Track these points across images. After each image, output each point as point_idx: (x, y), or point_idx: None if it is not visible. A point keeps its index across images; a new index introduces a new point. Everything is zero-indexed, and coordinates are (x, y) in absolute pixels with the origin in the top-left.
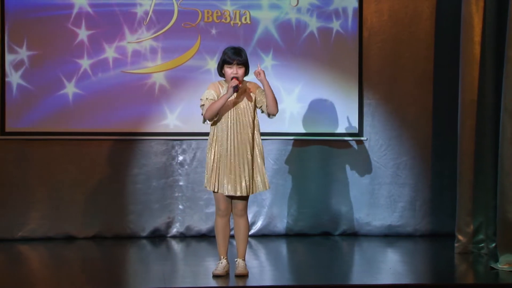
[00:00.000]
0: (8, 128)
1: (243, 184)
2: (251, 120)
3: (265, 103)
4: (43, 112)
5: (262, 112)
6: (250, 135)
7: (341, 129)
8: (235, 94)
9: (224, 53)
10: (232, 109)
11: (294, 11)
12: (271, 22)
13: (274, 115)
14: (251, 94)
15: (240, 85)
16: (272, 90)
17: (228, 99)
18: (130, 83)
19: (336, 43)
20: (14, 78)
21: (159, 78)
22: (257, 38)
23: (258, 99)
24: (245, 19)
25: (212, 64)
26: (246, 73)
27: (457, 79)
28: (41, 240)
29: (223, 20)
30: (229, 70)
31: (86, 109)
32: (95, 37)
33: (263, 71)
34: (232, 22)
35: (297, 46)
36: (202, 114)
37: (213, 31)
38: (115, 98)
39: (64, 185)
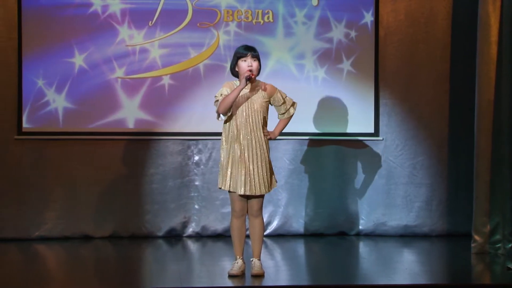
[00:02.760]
0: (25, 128)
1: (258, 183)
2: (263, 119)
3: (281, 111)
4: (59, 111)
5: (272, 105)
6: (262, 133)
7: (357, 129)
8: (248, 85)
9: (236, 51)
10: (246, 107)
11: (312, 10)
12: (290, 22)
13: None
14: (266, 93)
15: (254, 76)
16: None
17: (242, 96)
18: (146, 83)
19: (352, 43)
20: (30, 77)
21: (175, 78)
22: (277, 38)
23: (276, 100)
24: (268, 18)
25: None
26: (259, 70)
27: (474, 79)
28: (57, 239)
29: (244, 19)
30: (244, 64)
31: (102, 108)
32: (110, 36)
33: (270, 134)
34: (254, 21)
35: (314, 45)
36: (216, 111)
37: (233, 30)
38: (130, 98)
39: (80, 185)
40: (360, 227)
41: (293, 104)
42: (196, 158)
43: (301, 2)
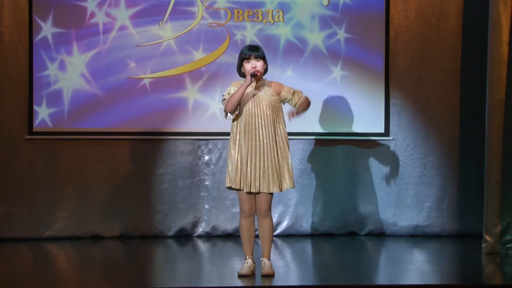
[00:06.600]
0: (35, 128)
1: (266, 182)
2: (273, 116)
3: (294, 103)
4: (70, 111)
5: (284, 103)
6: (273, 132)
7: (367, 129)
8: (254, 83)
9: (241, 52)
10: (253, 106)
11: (323, 10)
12: (300, 21)
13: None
14: (273, 91)
15: (259, 73)
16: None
17: (249, 95)
18: (155, 82)
19: (362, 43)
20: (41, 77)
21: (185, 78)
22: (287, 38)
23: (285, 96)
24: (278, 17)
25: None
26: (266, 69)
27: (485, 79)
28: (68, 239)
29: (254, 19)
30: (248, 65)
31: (113, 108)
32: (121, 36)
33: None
34: (264, 21)
35: (325, 45)
36: (224, 110)
37: (244, 30)
38: (141, 97)
39: (91, 185)
40: (370, 227)
41: (301, 92)
42: (206, 158)
43: (312, 2)
